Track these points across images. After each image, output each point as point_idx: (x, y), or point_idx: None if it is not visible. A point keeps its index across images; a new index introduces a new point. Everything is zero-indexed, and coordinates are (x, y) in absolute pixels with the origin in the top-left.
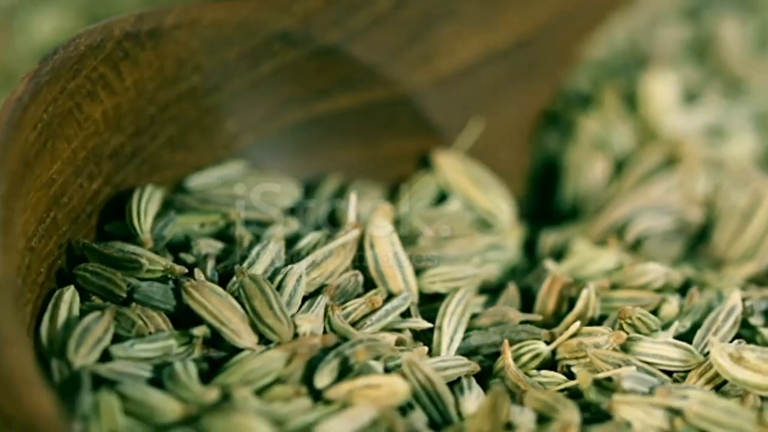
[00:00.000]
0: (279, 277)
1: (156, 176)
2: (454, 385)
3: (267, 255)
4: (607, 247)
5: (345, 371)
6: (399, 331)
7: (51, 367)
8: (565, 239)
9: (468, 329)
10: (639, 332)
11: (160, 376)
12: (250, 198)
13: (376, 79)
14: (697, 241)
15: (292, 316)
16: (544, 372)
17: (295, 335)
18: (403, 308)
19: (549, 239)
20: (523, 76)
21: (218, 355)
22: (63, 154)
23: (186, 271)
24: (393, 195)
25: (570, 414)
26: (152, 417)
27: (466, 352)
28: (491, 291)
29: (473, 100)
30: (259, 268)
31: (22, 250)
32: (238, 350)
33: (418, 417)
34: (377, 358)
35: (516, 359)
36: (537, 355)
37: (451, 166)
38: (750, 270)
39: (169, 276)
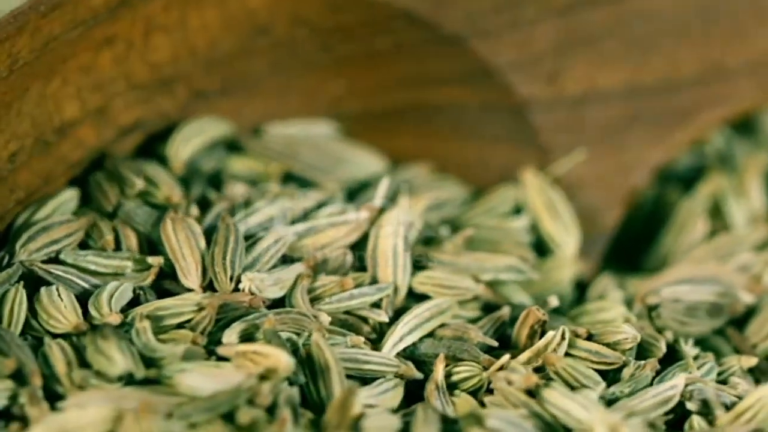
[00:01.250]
0: (261, 234)
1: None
2: (372, 381)
3: (268, 210)
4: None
5: (251, 335)
6: (360, 317)
7: None
8: (611, 286)
9: (427, 336)
10: (569, 383)
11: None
12: (314, 159)
13: (495, 81)
14: (733, 323)
15: (244, 270)
16: (463, 395)
17: (236, 289)
18: (372, 298)
19: (600, 282)
20: (653, 120)
21: (171, 289)
22: None
23: (182, 203)
24: (473, 197)
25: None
26: (48, 322)
27: (411, 356)
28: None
29: (589, 130)
30: (252, 221)
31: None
32: (189, 290)
33: (290, 394)
34: (298, 333)
35: (449, 376)
36: (469, 377)
37: (535, 186)
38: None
39: (168, 204)
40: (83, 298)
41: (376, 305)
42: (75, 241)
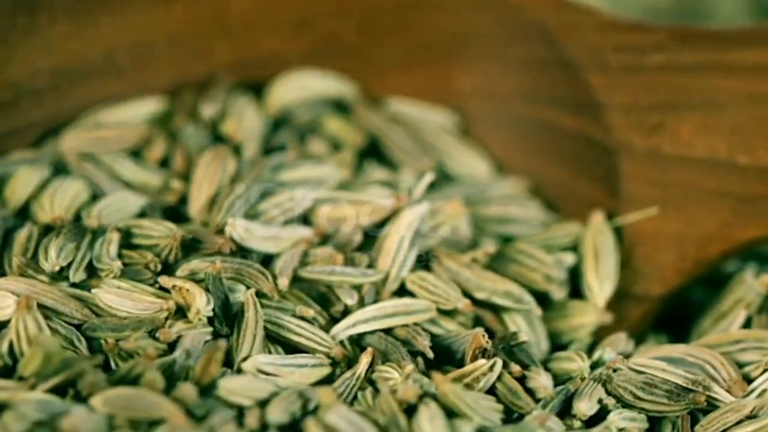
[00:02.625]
0: (279, 189)
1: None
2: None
3: (301, 171)
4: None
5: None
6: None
7: None
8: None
9: (383, 330)
10: (450, 409)
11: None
12: (408, 143)
13: (598, 117)
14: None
15: (247, 217)
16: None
17: (221, 232)
18: (354, 279)
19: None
20: (742, 201)
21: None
22: None
23: (245, 141)
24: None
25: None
26: (38, 208)
27: (356, 342)
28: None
29: (674, 192)
30: (285, 176)
31: None
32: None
33: (196, 336)
34: (248, 287)
35: (374, 372)
36: (386, 378)
37: (595, 228)
38: None
39: (227, 138)
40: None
41: (357, 288)
42: (124, 146)
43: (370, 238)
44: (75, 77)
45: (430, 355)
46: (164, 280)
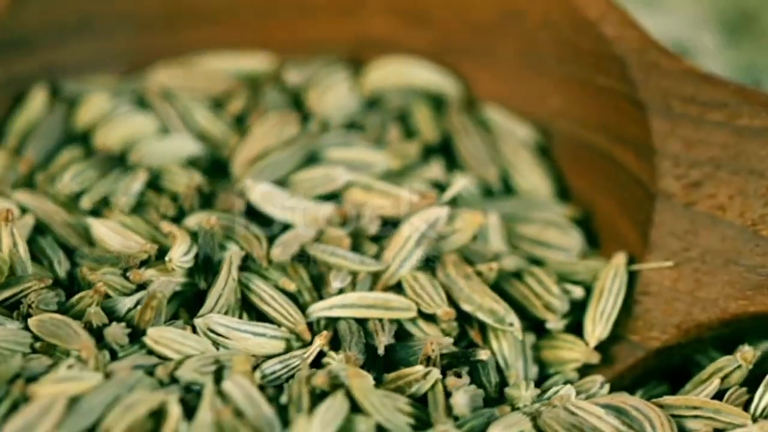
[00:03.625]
0: (319, 164)
1: None
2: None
3: (351, 152)
4: None
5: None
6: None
7: None
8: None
9: (357, 320)
10: (356, 403)
11: None
12: (477, 150)
13: (648, 158)
14: None
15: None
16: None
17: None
18: (351, 265)
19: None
20: (750, 271)
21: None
22: None
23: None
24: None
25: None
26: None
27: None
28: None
29: (695, 251)
30: (334, 154)
31: None
32: None
33: (164, 282)
34: (235, 240)
35: (325, 356)
36: (327, 365)
37: (613, 270)
38: None
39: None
40: None
41: (354, 274)
42: (208, 94)
43: (389, 230)
44: (194, 18)
45: (380, 351)
46: (164, 225)
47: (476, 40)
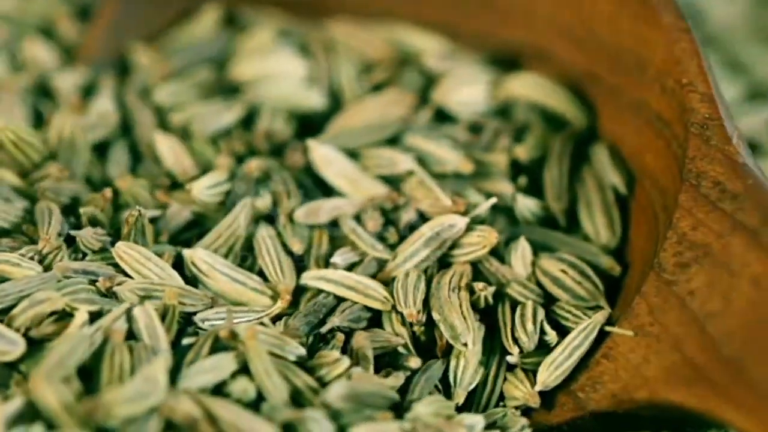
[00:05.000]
0: (398, 146)
1: None
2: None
3: (428, 145)
4: None
5: None
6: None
7: None
8: None
9: (337, 297)
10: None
11: None
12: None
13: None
14: None
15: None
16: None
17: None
18: (362, 247)
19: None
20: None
21: None
22: None
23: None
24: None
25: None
26: None
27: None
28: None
29: (657, 327)
30: (413, 141)
31: None
32: None
33: (177, 210)
34: (271, 192)
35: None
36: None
37: (586, 324)
38: None
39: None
40: None
41: (362, 255)
42: (363, 59)
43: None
44: None
45: (323, 329)
46: (220, 158)
47: (612, 79)
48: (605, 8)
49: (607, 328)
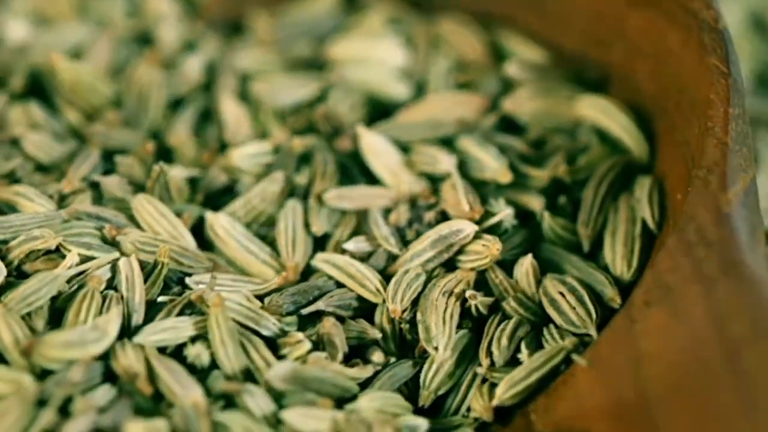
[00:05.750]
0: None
1: None
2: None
3: (475, 149)
4: None
5: None
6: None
7: None
8: None
9: (337, 281)
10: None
11: None
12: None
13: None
14: None
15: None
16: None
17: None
18: (379, 239)
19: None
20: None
21: None
22: None
23: None
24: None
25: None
26: None
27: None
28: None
29: (603, 364)
30: (463, 143)
31: None
32: None
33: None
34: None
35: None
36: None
37: (552, 347)
38: None
39: None
40: None
41: (376, 246)
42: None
43: None
44: None
45: (306, 310)
46: (276, 131)
47: (674, 113)
48: (674, 45)
49: (573, 356)
